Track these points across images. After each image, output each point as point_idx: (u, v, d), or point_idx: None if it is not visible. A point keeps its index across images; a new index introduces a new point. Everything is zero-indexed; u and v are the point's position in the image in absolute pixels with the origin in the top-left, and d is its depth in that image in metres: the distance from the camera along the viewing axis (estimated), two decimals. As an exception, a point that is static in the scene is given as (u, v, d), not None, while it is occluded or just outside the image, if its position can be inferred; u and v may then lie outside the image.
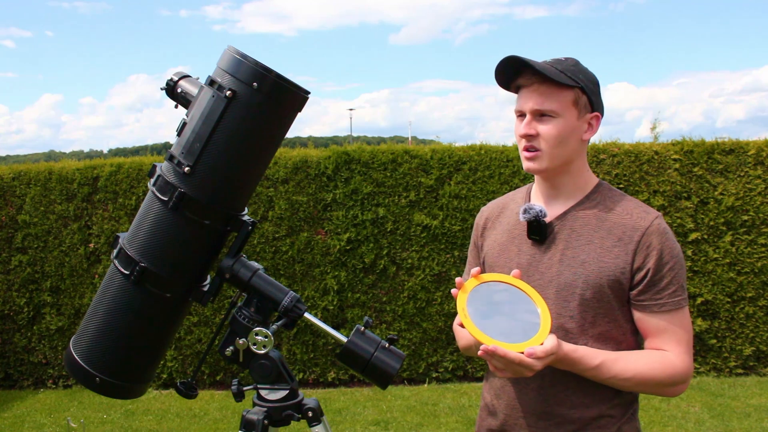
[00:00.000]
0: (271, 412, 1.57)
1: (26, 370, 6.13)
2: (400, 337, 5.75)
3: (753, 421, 4.75)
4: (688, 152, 5.80)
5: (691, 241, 5.74)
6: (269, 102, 1.48)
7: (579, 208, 1.57)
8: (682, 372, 1.50)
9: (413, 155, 5.83)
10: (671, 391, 1.53)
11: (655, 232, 1.50)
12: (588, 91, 1.53)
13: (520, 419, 1.59)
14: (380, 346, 1.54)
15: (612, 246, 1.51)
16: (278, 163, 5.81)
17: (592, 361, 1.46)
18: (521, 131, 1.54)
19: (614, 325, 1.53)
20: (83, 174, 5.97)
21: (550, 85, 1.50)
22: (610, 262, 1.50)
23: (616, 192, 1.61)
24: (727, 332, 5.81)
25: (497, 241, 1.68)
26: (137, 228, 1.57)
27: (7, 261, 6.06)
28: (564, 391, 1.54)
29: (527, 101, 1.53)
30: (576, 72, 1.52)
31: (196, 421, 5.05)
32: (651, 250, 1.49)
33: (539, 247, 1.58)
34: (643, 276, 1.49)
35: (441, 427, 4.77)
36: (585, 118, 1.55)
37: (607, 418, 1.54)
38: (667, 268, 1.49)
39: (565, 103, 1.51)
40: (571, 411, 1.54)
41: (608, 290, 1.50)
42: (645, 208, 1.56)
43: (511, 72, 1.55)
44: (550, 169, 1.55)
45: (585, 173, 1.61)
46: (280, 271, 5.79)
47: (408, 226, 5.77)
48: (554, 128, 1.51)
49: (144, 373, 1.70)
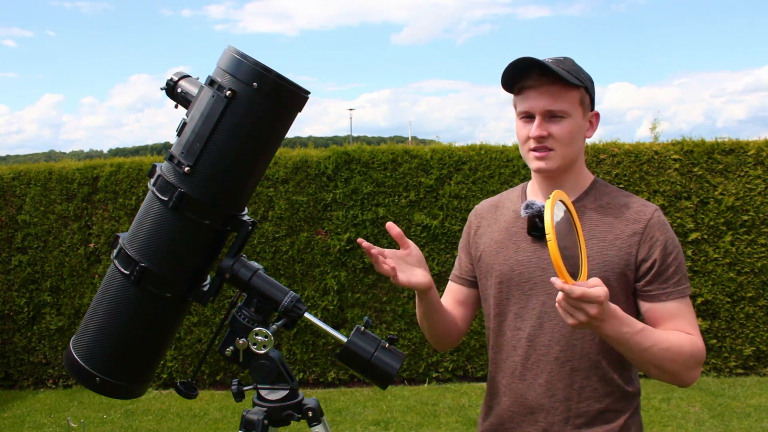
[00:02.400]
0: (271, 412, 1.56)
1: (26, 370, 6.13)
2: (400, 337, 5.75)
3: (753, 421, 4.76)
4: (688, 152, 5.80)
5: (691, 241, 5.74)
6: (269, 102, 1.48)
7: (578, 204, 1.59)
8: (703, 352, 1.51)
9: (413, 155, 5.83)
10: (693, 374, 1.51)
11: (656, 224, 1.54)
12: (590, 90, 1.57)
13: (528, 416, 1.59)
14: (380, 346, 1.54)
15: (614, 239, 1.53)
16: (278, 163, 5.82)
17: (636, 323, 1.41)
18: (534, 133, 1.53)
19: None
20: (83, 174, 5.98)
21: (559, 85, 1.52)
22: (614, 255, 1.53)
23: (613, 188, 1.65)
24: (727, 332, 5.82)
25: (494, 239, 1.69)
26: (137, 228, 1.57)
27: (7, 261, 6.06)
28: (570, 385, 1.56)
29: (538, 102, 1.53)
30: (578, 72, 1.55)
31: (196, 421, 5.05)
32: (655, 242, 1.52)
33: (540, 243, 1.59)
34: (649, 267, 1.52)
35: (441, 427, 4.77)
36: (587, 117, 1.59)
37: (613, 412, 1.56)
38: (672, 257, 1.52)
39: (574, 103, 1.54)
40: (579, 405, 1.55)
41: (614, 283, 1.51)
42: (643, 202, 1.59)
43: (516, 73, 1.56)
44: (561, 168, 1.57)
45: (584, 170, 1.64)
46: (280, 271, 5.79)
47: (408, 226, 5.77)
48: (565, 128, 1.53)
49: (144, 373, 1.70)
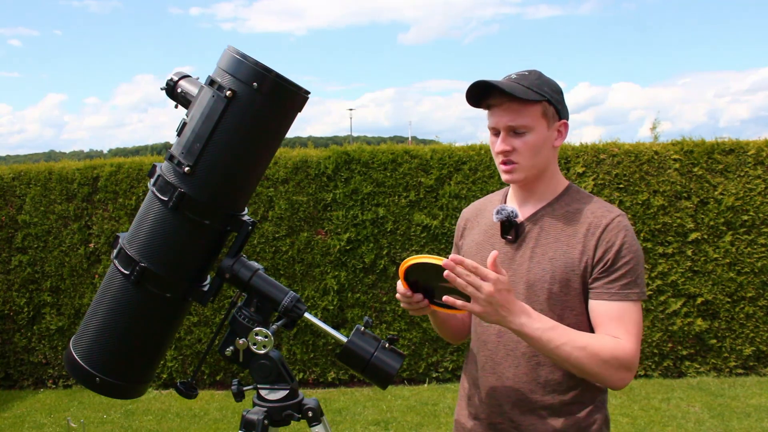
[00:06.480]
0: (271, 412, 1.57)
1: (26, 370, 6.13)
2: (400, 337, 5.75)
3: (753, 421, 4.76)
4: (688, 152, 5.80)
5: (691, 241, 5.74)
6: (269, 102, 1.48)
7: (548, 208, 1.67)
8: (631, 357, 1.51)
9: (413, 155, 5.83)
10: (618, 377, 1.51)
11: (615, 228, 1.58)
12: (554, 101, 1.62)
13: (497, 406, 1.66)
14: (380, 346, 1.54)
15: (577, 243, 1.60)
16: (278, 163, 5.82)
17: (549, 320, 1.50)
18: (498, 149, 1.63)
19: (583, 318, 1.60)
20: (83, 174, 5.98)
21: (519, 102, 1.58)
22: (575, 257, 1.59)
23: (584, 194, 1.71)
24: (727, 332, 5.82)
25: (475, 241, 1.78)
26: (137, 228, 1.57)
27: (7, 261, 6.06)
28: (536, 379, 1.62)
29: (500, 119, 1.61)
30: (541, 85, 1.61)
31: (196, 421, 5.05)
32: (610, 244, 1.57)
33: (512, 246, 1.67)
34: (601, 267, 1.57)
35: (441, 427, 4.77)
36: (554, 127, 1.65)
37: (577, 404, 1.61)
38: (623, 261, 1.56)
39: (535, 117, 1.60)
40: (544, 398, 1.61)
41: (574, 284, 1.58)
42: (609, 207, 1.64)
43: (480, 92, 1.64)
44: (529, 178, 1.66)
45: (556, 176, 1.70)
46: (280, 271, 5.79)
47: (408, 226, 5.77)
48: (528, 142, 1.60)
49: (144, 373, 1.70)
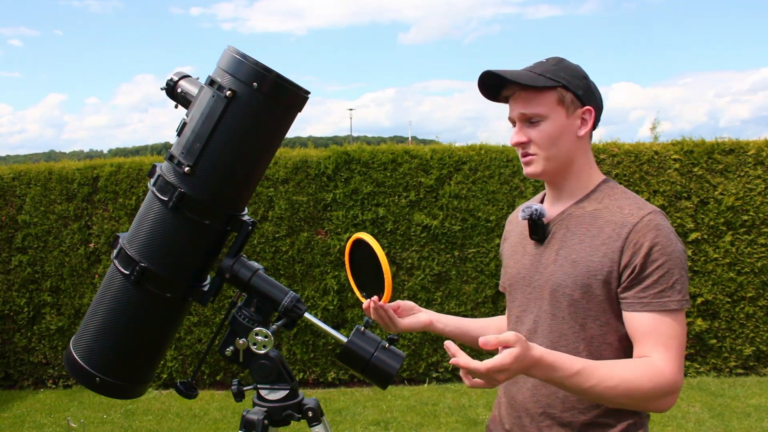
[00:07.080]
0: (271, 412, 1.56)
1: (26, 370, 6.13)
2: (400, 337, 5.75)
3: (753, 421, 4.76)
4: (688, 152, 5.80)
5: (691, 241, 5.74)
6: (269, 102, 1.48)
7: (576, 206, 1.54)
8: (671, 381, 1.36)
9: (413, 155, 5.83)
10: (660, 404, 1.38)
11: (644, 228, 1.42)
12: (572, 87, 1.50)
13: (518, 419, 1.58)
14: (380, 346, 1.54)
15: (600, 244, 1.45)
16: (278, 163, 5.81)
17: (571, 365, 1.31)
18: (513, 140, 1.55)
19: (608, 329, 1.46)
20: (83, 174, 5.97)
21: (530, 90, 1.49)
22: (597, 261, 1.45)
23: (619, 189, 1.55)
24: (727, 332, 5.82)
25: (512, 243, 1.71)
26: (137, 228, 1.57)
27: (7, 261, 6.06)
28: (555, 393, 1.50)
29: (514, 109, 1.54)
30: (556, 71, 1.50)
31: (196, 421, 5.05)
32: (637, 247, 1.41)
33: (539, 247, 1.57)
34: (629, 273, 1.42)
35: (441, 427, 4.77)
36: (576, 115, 1.51)
37: (599, 427, 1.47)
38: (655, 265, 1.40)
39: (550, 105, 1.49)
40: (562, 414, 1.49)
41: (598, 291, 1.44)
42: (640, 204, 1.49)
43: (493, 85, 1.56)
44: (548, 171, 1.53)
45: (587, 171, 1.56)
46: (280, 271, 5.79)
47: (408, 226, 5.77)
48: (544, 131, 1.50)
49: (144, 373, 1.70)
